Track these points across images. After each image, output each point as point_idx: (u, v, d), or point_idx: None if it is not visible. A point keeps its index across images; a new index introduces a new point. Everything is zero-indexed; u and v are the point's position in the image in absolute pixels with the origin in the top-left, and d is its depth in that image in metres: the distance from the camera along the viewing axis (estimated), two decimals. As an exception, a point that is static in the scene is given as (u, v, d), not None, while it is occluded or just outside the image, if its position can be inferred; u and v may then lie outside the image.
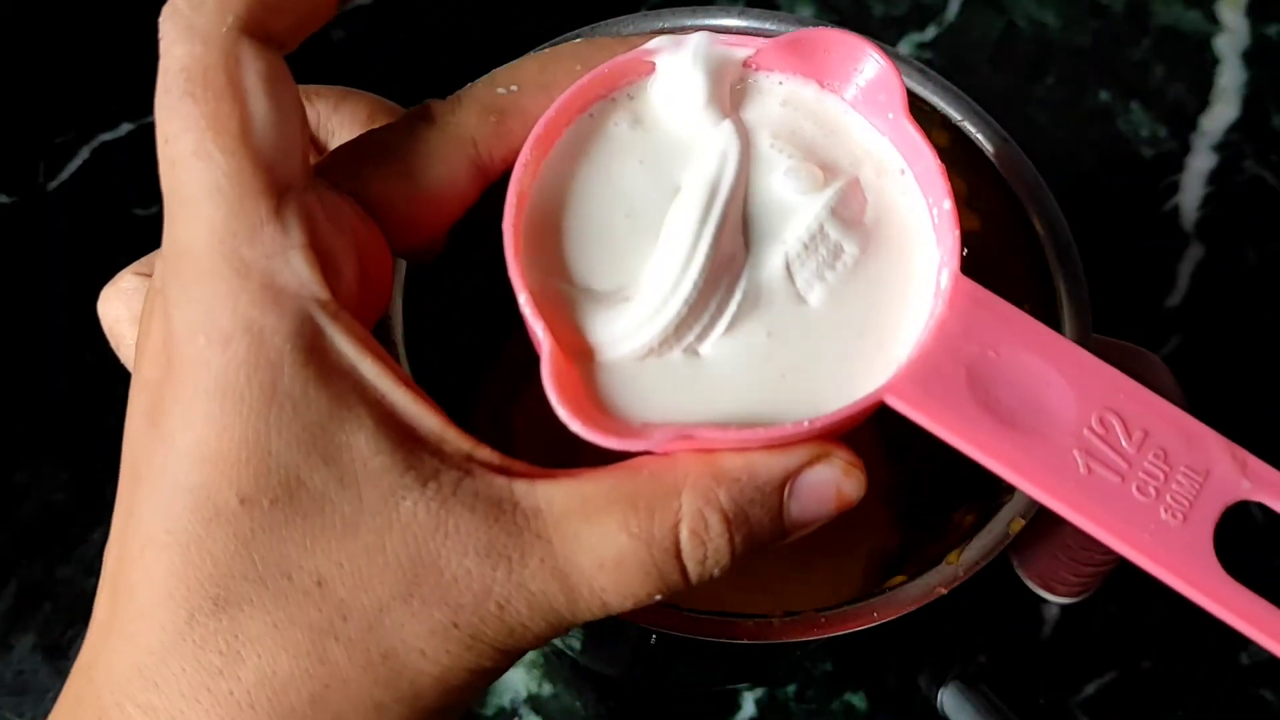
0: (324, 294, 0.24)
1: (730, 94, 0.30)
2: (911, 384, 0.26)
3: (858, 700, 0.48)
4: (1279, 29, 0.63)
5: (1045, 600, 0.49)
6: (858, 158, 0.29)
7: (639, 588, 0.25)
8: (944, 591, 0.33)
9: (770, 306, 0.28)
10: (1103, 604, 0.49)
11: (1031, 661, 0.49)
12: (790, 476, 0.26)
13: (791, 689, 0.48)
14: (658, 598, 0.25)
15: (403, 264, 0.36)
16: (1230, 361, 0.55)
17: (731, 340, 0.27)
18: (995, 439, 0.26)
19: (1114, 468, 0.26)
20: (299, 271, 0.24)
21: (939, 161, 0.28)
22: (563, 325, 0.27)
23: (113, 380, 0.51)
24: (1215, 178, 0.59)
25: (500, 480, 0.25)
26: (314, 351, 0.24)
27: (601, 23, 0.39)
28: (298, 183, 0.25)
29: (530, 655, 0.47)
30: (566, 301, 0.28)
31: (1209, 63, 0.62)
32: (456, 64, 0.60)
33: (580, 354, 0.27)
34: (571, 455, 0.47)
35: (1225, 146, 0.60)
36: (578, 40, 0.30)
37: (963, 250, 0.27)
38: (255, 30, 0.25)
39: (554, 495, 0.25)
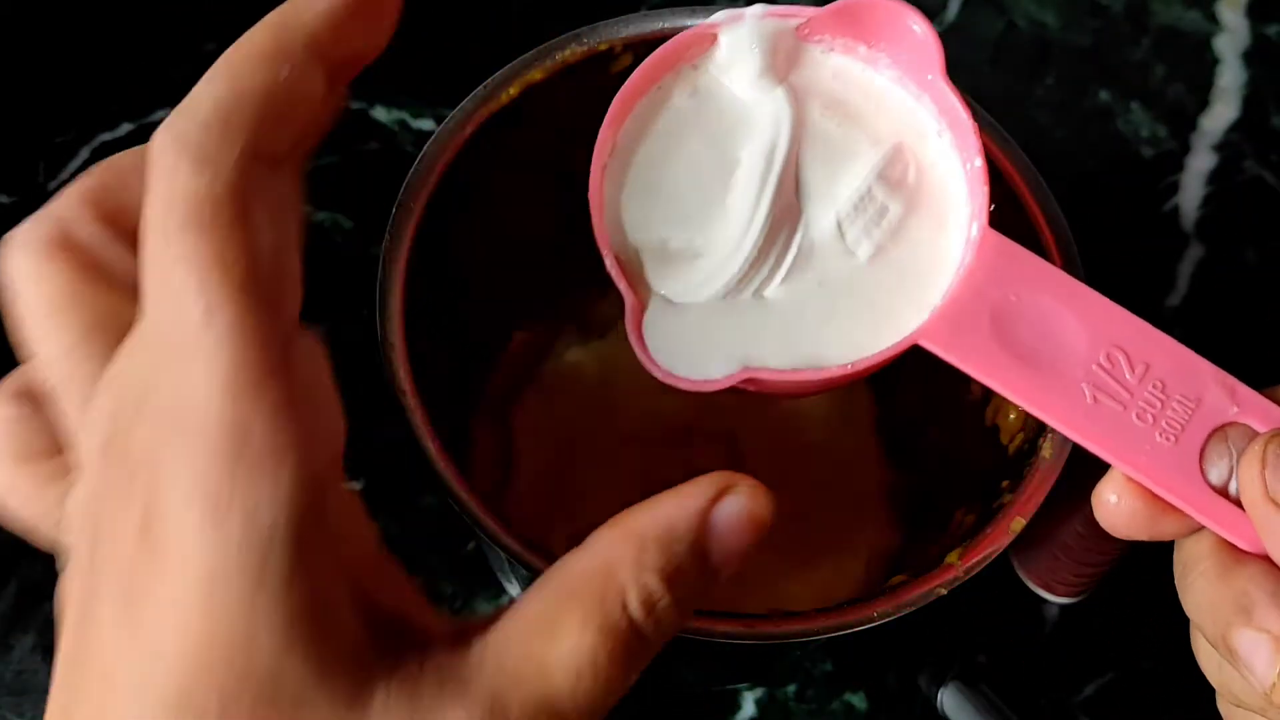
0: (314, 460, 0.21)
1: (785, 62, 0.32)
2: (941, 328, 0.29)
3: (858, 700, 0.48)
4: (1279, 29, 0.63)
5: (1045, 600, 0.49)
6: (901, 123, 0.32)
7: (618, 677, 0.25)
8: (944, 591, 0.33)
9: (822, 259, 0.31)
10: (1103, 604, 0.49)
11: (1031, 661, 0.49)
12: (704, 514, 0.26)
13: (791, 689, 0.48)
14: (633, 679, 0.25)
15: (403, 266, 0.36)
16: (1230, 361, 0.55)
17: (788, 288, 0.31)
18: (1014, 374, 0.29)
19: (1117, 398, 0.29)
20: (293, 435, 0.21)
21: (972, 121, 0.30)
22: (642, 282, 0.30)
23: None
24: (1215, 178, 0.59)
25: (461, 650, 0.23)
26: (301, 529, 0.21)
27: (601, 23, 0.39)
28: (294, 326, 0.23)
29: (530, 655, 0.47)
30: (645, 260, 0.31)
31: (1209, 63, 0.62)
32: (457, 64, 0.60)
33: (656, 305, 0.30)
34: (570, 454, 0.48)
35: (1225, 146, 0.60)
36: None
37: (991, 204, 0.30)
38: (264, 154, 0.22)
39: (509, 635, 0.24)
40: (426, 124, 0.58)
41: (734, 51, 0.31)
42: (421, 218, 0.37)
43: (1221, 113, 0.61)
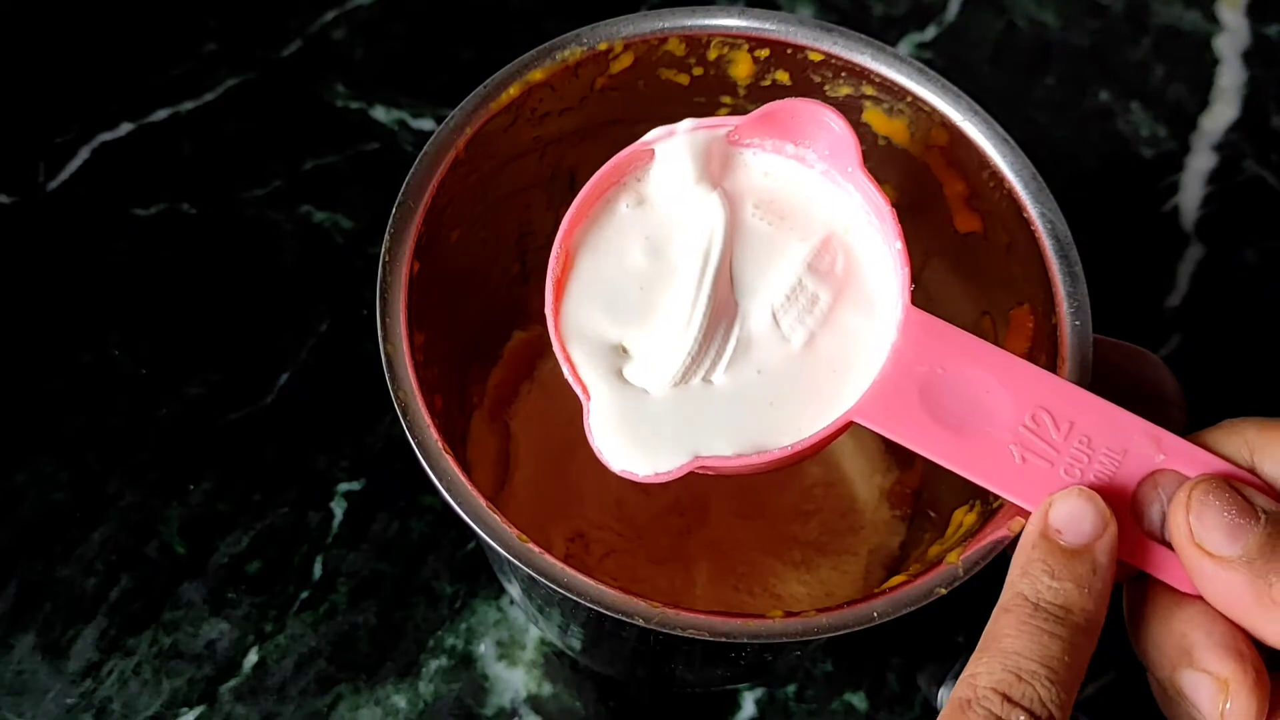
0: None
1: (719, 167, 0.35)
2: (873, 405, 0.31)
3: (858, 700, 0.48)
4: (1279, 29, 0.63)
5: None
6: (831, 215, 0.35)
7: None
8: (944, 591, 0.33)
9: (760, 349, 0.33)
10: (1103, 604, 0.49)
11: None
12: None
13: (791, 689, 0.48)
14: None
15: (403, 265, 0.36)
16: (1230, 361, 0.55)
17: (730, 378, 0.33)
18: (944, 443, 0.31)
19: (1044, 456, 0.31)
20: None
21: (890, 207, 0.33)
22: (594, 380, 0.33)
23: (112, 380, 0.52)
24: (1215, 178, 0.59)
25: None
26: None
27: (601, 23, 0.39)
28: None
29: (530, 655, 0.47)
30: (595, 359, 0.34)
31: (1209, 63, 0.62)
32: (457, 64, 0.60)
33: (609, 403, 0.33)
34: (569, 454, 0.48)
35: (1225, 146, 0.60)
36: None
37: (912, 285, 0.32)
38: None
39: None
40: (426, 124, 0.58)
41: (670, 162, 0.34)
42: (422, 218, 0.37)
43: (1221, 113, 0.61)
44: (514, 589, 0.44)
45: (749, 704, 0.47)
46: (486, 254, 0.43)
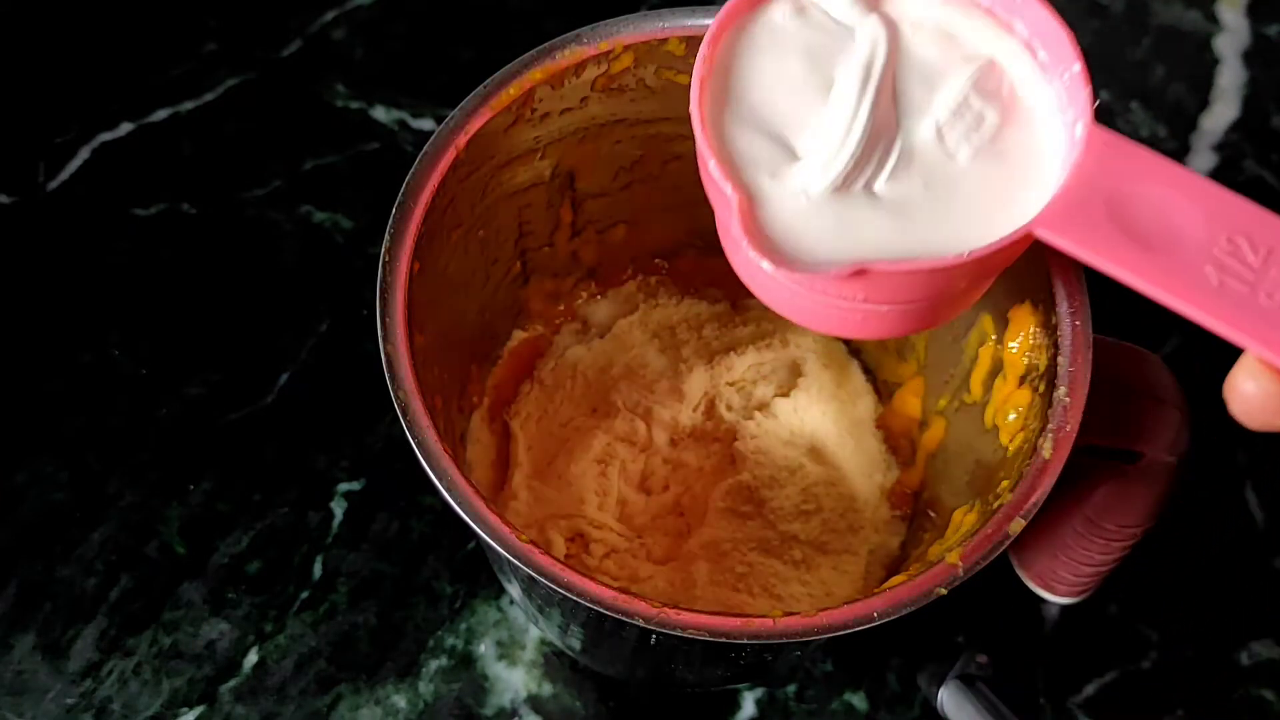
0: None
1: None
2: (1056, 216, 0.29)
3: (858, 700, 0.48)
4: (1279, 29, 0.63)
5: (1045, 600, 0.49)
6: (994, 42, 0.33)
7: None
8: (944, 591, 0.33)
9: (925, 164, 0.32)
10: (1103, 604, 0.49)
11: (1031, 661, 0.49)
12: None
13: (791, 689, 0.48)
14: None
15: (403, 265, 0.36)
16: (1230, 362, 0.55)
17: (894, 188, 0.31)
18: (1135, 259, 0.29)
19: (1243, 279, 0.28)
20: None
21: (1067, 30, 0.31)
22: (742, 185, 0.31)
23: (112, 380, 0.52)
24: (1215, 178, 0.59)
25: None
26: None
27: (601, 23, 0.39)
28: None
29: (530, 655, 0.47)
30: (746, 167, 0.31)
31: (1209, 63, 0.62)
32: (457, 64, 0.60)
33: (764, 202, 0.31)
34: (569, 454, 0.48)
35: (1225, 146, 0.60)
36: None
37: (1095, 101, 0.30)
38: None
39: None
40: (426, 124, 0.58)
41: None
42: (421, 218, 0.37)
43: (1221, 113, 0.61)
44: (514, 589, 0.44)
45: (749, 704, 0.47)
46: (486, 254, 0.43)
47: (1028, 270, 0.38)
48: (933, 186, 0.31)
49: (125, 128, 0.57)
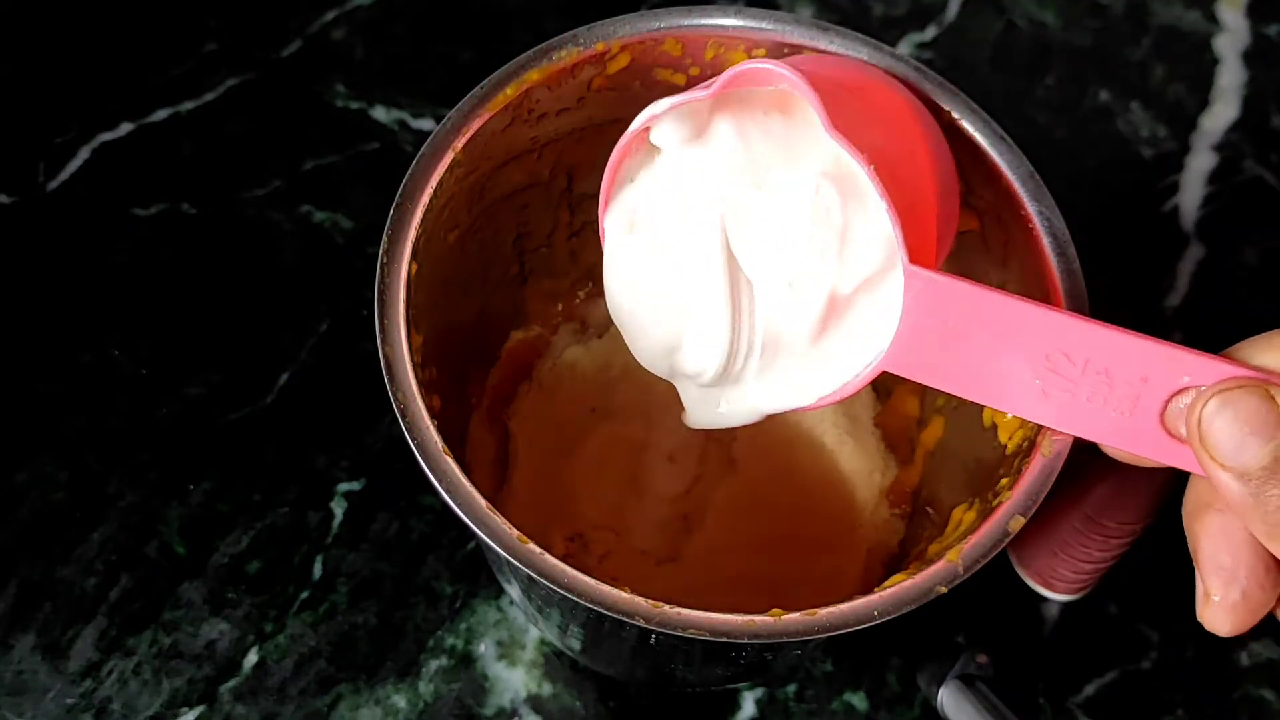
0: None
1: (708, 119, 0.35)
2: (898, 358, 0.33)
3: (858, 700, 0.48)
4: (1279, 29, 0.63)
5: (1045, 599, 0.49)
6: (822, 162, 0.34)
7: None
8: (944, 591, 0.33)
9: (783, 333, 0.35)
10: (1103, 604, 0.49)
11: (1031, 661, 0.49)
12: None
13: (791, 689, 0.48)
14: None
15: (401, 266, 0.36)
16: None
17: (764, 365, 0.36)
18: (972, 384, 0.33)
19: (1065, 390, 0.32)
20: None
21: (867, 163, 0.32)
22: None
23: (112, 380, 0.52)
24: (1215, 178, 0.59)
25: None
26: None
27: (598, 23, 0.39)
28: None
29: (530, 655, 0.47)
30: (659, 362, 0.38)
31: (1209, 63, 0.62)
32: (457, 64, 0.60)
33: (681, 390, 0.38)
34: (568, 454, 0.48)
35: (1225, 146, 0.60)
36: None
37: (905, 245, 0.32)
38: None
39: None
40: (426, 124, 0.58)
41: (663, 137, 0.35)
42: (419, 219, 0.37)
43: (1221, 113, 0.61)
44: (514, 589, 0.44)
45: (749, 704, 0.47)
46: (485, 254, 0.43)
47: (1025, 269, 0.38)
48: (795, 355, 0.35)
49: (125, 128, 0.57)
